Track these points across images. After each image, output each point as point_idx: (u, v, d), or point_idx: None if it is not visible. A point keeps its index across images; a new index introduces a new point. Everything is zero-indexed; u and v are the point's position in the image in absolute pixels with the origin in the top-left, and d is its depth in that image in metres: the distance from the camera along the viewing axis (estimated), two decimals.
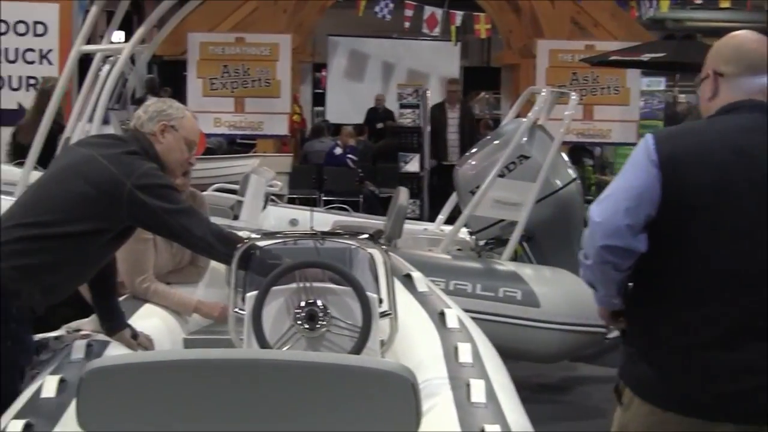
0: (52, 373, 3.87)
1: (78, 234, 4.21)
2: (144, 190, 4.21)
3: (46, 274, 4.20)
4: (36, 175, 8.30)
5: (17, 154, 10.19)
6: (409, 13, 18.76)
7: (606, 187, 3.60)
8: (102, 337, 4.41)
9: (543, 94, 8.32)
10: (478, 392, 3.63)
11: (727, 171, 3.45)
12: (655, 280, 3.54)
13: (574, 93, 8.87)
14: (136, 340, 4.52)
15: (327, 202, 14.55)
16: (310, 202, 13.77)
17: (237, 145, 16.67)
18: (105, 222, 4.25)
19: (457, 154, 14.96)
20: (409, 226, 8.73)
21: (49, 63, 12.05)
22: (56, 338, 4.44)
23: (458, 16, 19.38)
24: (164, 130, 4.46)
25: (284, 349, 4.15)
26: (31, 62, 12.04)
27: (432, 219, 10.61)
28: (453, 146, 15.47)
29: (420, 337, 4.49)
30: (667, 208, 3.45)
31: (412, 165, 15.20)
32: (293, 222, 9.70)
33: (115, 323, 4.50)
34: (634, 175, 3.50)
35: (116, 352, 4.26)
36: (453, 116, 15.60)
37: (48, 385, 3.69)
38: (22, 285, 4.15)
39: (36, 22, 12.04)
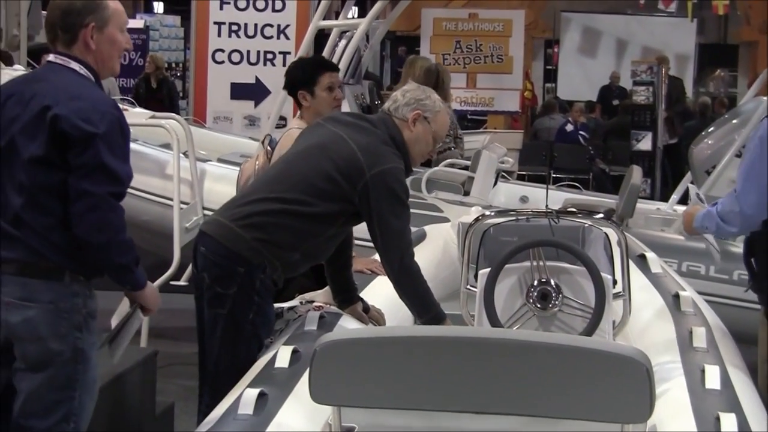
0: (286, 343, 3.96)
1: (320, 215, 4.27)
2: (375, 188, 4.22)
3: (286, 250, 4.28)
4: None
5: None
6: None
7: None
8: (334, 309, 4.47)
9: None
10: (712, 378, 3.54)
11: None
12: None
13: None
14: (368, 314, 4.57)
15: (556, 180, 14.42)
16: (540, 179, 13.64)
17: (468, 121, 16.66)
18: (346, 204, 4.28)
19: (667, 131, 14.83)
20: (641, 205, 8.55)
21: (286, 38, 12.27)
22: (290, 309, 4.53)
23: None
24: (416, 119, 4.42)
25: (515, 328, 4.13)
26: (269, 37, 12.28)
27: (664, 199, 10.38)
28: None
29: (653, 320, 4.41)
30: None
31: (645, 143, 14.89)
32: (523, 199, 9.63)
33: (347, 296, 4.57)
34: None
35: (348, 325, 4.32)
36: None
37: (282, 355, 3.77)
38: (265, 258, 4.24)
39: None
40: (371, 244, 4.42)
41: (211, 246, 4.29)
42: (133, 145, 8.02)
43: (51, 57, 3.95)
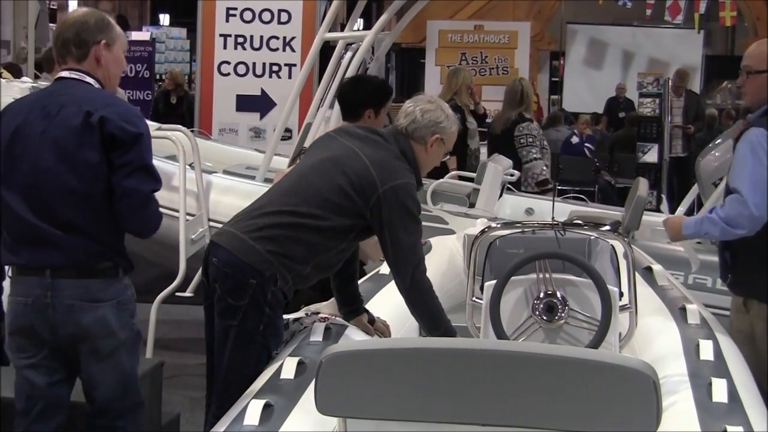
0: (291, 354, 3.95)
1: (333, 229, 4.27)
2: (387, 203, 4.22)
3: (298, 263, 4.27)
4: (278, 160, 8.53)
5: None
6: (651, 0, 18.38)
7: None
8: (340, 321, 4.47)
9: None
10: (720, 391, 3.54)
11: None
12: None
13: None
14: (373, 326, 4.58)
15: (562, 192, 14.40)
16: (545, 192, 13.64)
17: None
18: (358, 218, 4.28)
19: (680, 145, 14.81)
20: (647, 217, 8.54)
21: (292, 50, 12.29)
22: (296, 320, 4.52)
23: (702, 3, 18.85)
24: (435, 143, 4.43)
25: (520, 340, 4.12)
26: (275, 49, 12.30)
27: (670, 211, 10.37)
28: (676, 137, 15.21)
29: (660, 333, 4.39)
30: None
31: (651, 155, 14.88)
32: (529, 211, 9.61)
33: (353, 308, 4.57)
34: None
35: (354, 336, 4.32)
36: (677, 106, 15.34)
37: (287, 366, 3.78)
38: (277, 271, 4.24)
39: (281, 10, 12.31)
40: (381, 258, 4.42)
41: (223, 257, 4.28)
42: None
43: (65, 73, 4.21)
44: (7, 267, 4.39)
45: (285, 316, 4.55)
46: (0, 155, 4.17)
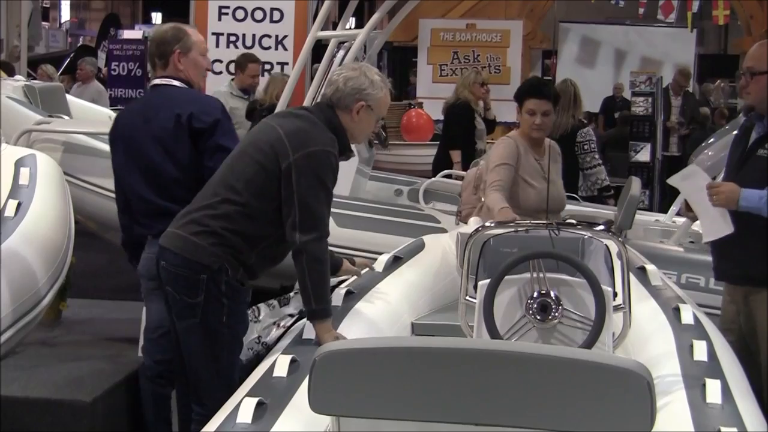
0: (284, 352, 3.96)
1: (263, 214, 4.33)
2: (299, 169, 4.22)
3: (241, 253, 4.35)
4: None
5: None
6: None
7: None
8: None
9: None
10: (713, 392, 3.53)
11: None
12: None
13: None
14: (355, 265, 4.84)
15: None
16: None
17: None
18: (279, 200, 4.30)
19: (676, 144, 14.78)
20: (640, 216, 8.54)
21: (284, 49, 12.28)
22: (297, 293, 4.66)
23: (695, 1, 18.83)
24: (360, 110, 4.43)
25: (514, 339, 4.10)
26: (267, 48, 12.28)
27: (663, 210, 10.36)
28: (673, 135, 15.22)
29: (653, 333, 4.39)
30: None
31: (643, 154, 14.88)
32: None
33: (332, 265, 4.55)
34: None
35: (347, 333, 4.30)
36: (675, 105, 15.34)
37: (280, 364, 3.79)
38: (225, 261, 4.33)
39: (273, 9, 12.29)
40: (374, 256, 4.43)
41: (170, 259, 4.41)
42: None
43: (157, 81, 5.23)
44: None
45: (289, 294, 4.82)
46: (122, 153, 5.20)
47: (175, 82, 5.15)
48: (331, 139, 4.32)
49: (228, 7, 12.29)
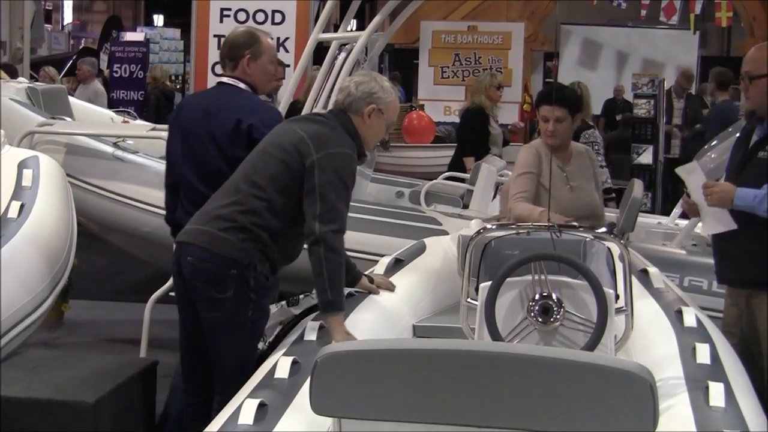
0: (286, 354, 3.98)
1: (286, 210, 4.44)
2: (321, 168, 4.35)
3: (267, 247, 4.44)
4: None
5: None
6: (645, 1, 18.37)
7: None
8: None
9: None
10: (717, 395, 3.52)
11: None
12: None
13: None
14: (374, 283, 4.83)
15: None
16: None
17: None
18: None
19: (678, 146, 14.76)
20: (642, 219, 8.53)
21: (286, 51, 12.24)
22: (306, 295, 4.86)
23: (698, 3, 18.84)
24: (371, 113, 4.58)
25: (515, 342, 4.10)
26: None
27: (665, 213, 10.36)
28: (675, 137, 15.21)
29: (656, 336, 4.38)
30: None
31: (645, 157, 14.87)
32: None
33: (350, 278, 4.66)
34: None
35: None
36: (678, 107, 15.32)
37: (281, 365, 3.80)
38: (254, 256, 4.41)
39: (274, 11, 12.27)
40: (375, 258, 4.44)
41: (198, 254, 4.45)
42: (133, 157, 8.07)
43: (225, 79, 5.39)
44: None
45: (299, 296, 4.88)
46: (179, 142, 5.37)
47: (241, 85, 5.31)
48: (350, 143, 4.50)
49: (230, 9, 12.26)
